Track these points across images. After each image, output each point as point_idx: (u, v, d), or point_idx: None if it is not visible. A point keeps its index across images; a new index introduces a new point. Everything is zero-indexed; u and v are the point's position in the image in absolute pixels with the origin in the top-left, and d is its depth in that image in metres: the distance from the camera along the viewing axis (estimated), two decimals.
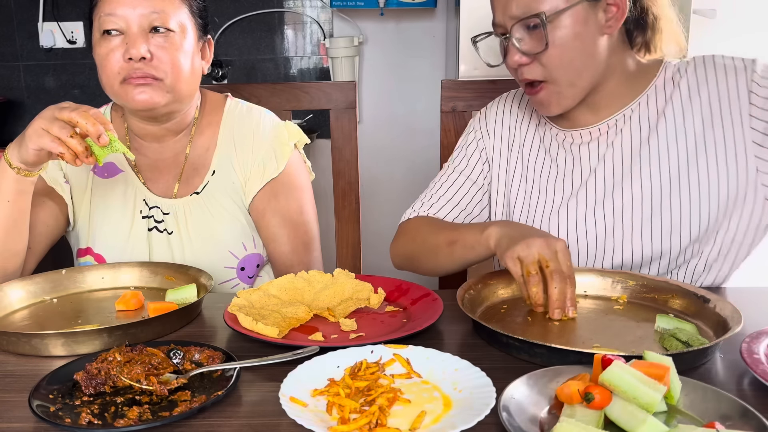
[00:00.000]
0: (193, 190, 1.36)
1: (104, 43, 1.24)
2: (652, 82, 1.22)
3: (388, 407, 0.76)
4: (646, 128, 1.21)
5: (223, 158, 1.37)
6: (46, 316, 1.12)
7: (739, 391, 0.82)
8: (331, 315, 1.07)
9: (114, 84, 1.25)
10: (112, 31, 1.23)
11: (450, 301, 1.06)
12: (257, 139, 1.37)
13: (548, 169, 1.29)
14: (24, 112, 3.01)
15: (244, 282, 1.39)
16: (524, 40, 1.15)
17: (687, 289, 1.07)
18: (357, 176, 1.72)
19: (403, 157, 3.21)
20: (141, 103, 1.24)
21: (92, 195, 1.36)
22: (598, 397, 0.71)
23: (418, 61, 3.15)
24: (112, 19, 1.22)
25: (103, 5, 1.24)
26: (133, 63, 1.22)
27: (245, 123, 1.39)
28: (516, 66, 1.18)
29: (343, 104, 1.69)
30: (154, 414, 0.77)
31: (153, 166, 1.37)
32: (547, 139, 1.31)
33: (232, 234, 1.36)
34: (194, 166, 1.37)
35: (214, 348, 0.90)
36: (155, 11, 1.22)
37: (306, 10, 3.05)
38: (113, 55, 1.23)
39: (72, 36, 2.95)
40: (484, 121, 1.41)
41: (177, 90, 1.26)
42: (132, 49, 1.21)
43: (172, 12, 1.25)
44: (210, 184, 1.36)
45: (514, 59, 1.17)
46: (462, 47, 2.32)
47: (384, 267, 1.53)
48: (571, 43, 1.13)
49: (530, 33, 1.14)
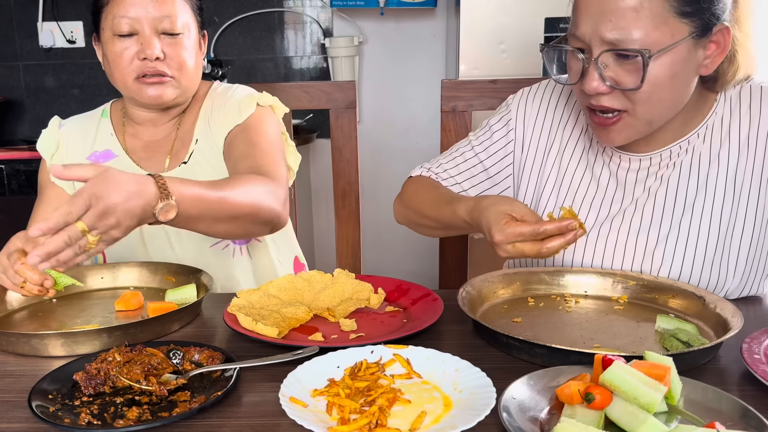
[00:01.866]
0: (181, 161, 1.42)
1: (118, 43, 1.32)
2: (710, 112, 1.14)
3: (388, 407, 0.76)
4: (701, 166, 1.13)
5: (203, 126, 1.43)
6: (45, 316, 1.12)
7: (739, 391, 0.82)
8: (331, 315, 1.06)
9: (128, 81, 1.34)
10: (125, 32, 1.31)
11: (450, 301, 1.06)
12: (228, 100, 1.42)
13: (586, 186, 1.21)
14: (23, 112, 3.01)
15: (234, 243, 1.42)
16: (610, 67, 1.03)
17: (687, 289, 1.06)
18: (357, 176, 1.72)
19: (403, 157, 3.21)
20: (154, 99, 1.34)
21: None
22: (599, 398, 0.71)
23: (418, 61, 3.14)
24: (125, 21, 1.31)
25: (115, 7, 1.31)
26: (147, 62, 1.31)
27: (223, 93, 1.46)
28: (594, 93, 1.05)
29: (343, 104, 1.69)
30: (153, 414, 0.77)
31: (146, 146, 1.45)
32: (593, 154, 1.22)
33: None
34: (182, 140, 1.44)
35: (213, 348, 0.90)
36: (165, 15, 1.32)
37: (306, 9, 3.05)
38: (127, 53, 1.32)
39: (71, 36, 2.94)
40: (522, 108, 1.30)
41: (184, 85, 1.37)
42: (147, 49, 1.31)
43: (179, 15, 1.34)
44: (195, 153, 1.41)
45: (593, 86, 1.03)
46: (462, 47, 2.32)
47: (384, 267, 1.53)
48: (666, 82, 1.02)
49: (622, 63, 1.02)
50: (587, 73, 1.04)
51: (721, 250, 1.13)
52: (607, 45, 1.01)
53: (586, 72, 1.04)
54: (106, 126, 1.47)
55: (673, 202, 1.15)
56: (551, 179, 1.25)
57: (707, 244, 1.13)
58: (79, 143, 1.45)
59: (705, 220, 1.13)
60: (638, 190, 1.17)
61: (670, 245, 1.14)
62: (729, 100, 1.15)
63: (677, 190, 1.15)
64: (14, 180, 2.48)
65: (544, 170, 1.27)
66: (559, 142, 1.26)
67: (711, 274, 1.13)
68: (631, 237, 1.16)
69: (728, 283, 1.14)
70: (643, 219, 1.16)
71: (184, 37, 1.34)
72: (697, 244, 1.13)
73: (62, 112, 3.10)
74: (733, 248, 1.13)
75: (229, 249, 1.41)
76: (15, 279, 1.05)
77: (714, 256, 1.13)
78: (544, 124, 1.28)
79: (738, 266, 1.14)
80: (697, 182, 1.14)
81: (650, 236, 1.15)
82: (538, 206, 1.27)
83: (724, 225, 1.13)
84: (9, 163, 2.46)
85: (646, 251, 1.15)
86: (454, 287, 1.11)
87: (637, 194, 1.17)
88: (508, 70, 2.32)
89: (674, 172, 1.15)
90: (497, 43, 2.31)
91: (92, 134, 1.46)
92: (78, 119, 1.50)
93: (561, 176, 1.25)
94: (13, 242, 1.08)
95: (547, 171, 1.26)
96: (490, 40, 2.31)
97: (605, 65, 1.03)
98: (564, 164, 1.25)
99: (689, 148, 1.15)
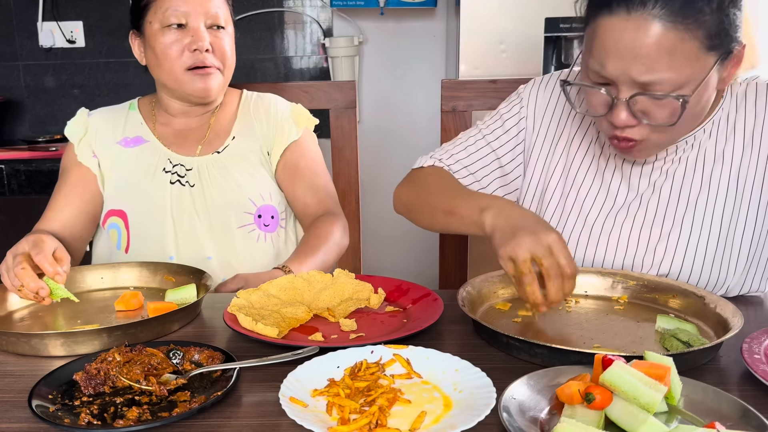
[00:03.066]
0: (214, 150, 1.49)
1: (168, 35, 1.40)
2: (717, 108, 1.14)
3: (388, 407, 0.75)
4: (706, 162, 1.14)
5: (243, 126, 1.52)
6: (45, 316, 1.12)
7: (739, 391, 0.82)
8: (331, 315, 1.06)
9: (177, 72, 1.41)
10: (174, 25, 1.39)
11: (450, 301, 1.06)
12: (275, 111, 1.54)
13: (591, 179, 1.21)
14: (23, 112, 3.01)
15: (260, 229, 1.47)
16: (641, 103, 1.00)
17: (687, 289, 1.06)
18: (357, 176, 1.72)
19: (403, 157, 3.20)
20: (201, 91, 1.43)
21: (118, 162, 1.48)
22: (599, 398, 0.71)
23: (418, 61, 3.14)
24: (176, 14, 1.39)
25: (169, 1, 1.39)
26: (197, 53, 1.40)
27: (261, 101, 1.56)
28: (622, 126, 1.02)
29: (343, 104, 1.69)
30: (153, 414, 0.77)
31: (176, 133, 1.51)
32: (599, 146, 1.22)
33: (251, 185, 1.46)
34: (216, 132, 1.52)
35: (213, 348, 0.90)
36: (212, 10, 1.41)
37: (306, 9, 3.05)
38: (177, 45, 1.40)
39: (71, 36, 2.94)
40: (534, 97, 1.30)
41: (226, 76, 1.47)
42: (199, 41, 1.39)
43: (222, 10, 1.44)
44: (230, 146, 1.49)
45: (623, 120, 1.01)
46: (462, 47, 2.32)
47: (384, 267, 1.53)
48: (696, 110, 1.02)
49: (654, 101, 0.99)
50: (616, 108, 1.01)
51: (723, 245, 1.13)
52: (638, 88, 0.98)
53: (615, 107, 1.01)
54: (135, 116, 1.53)
55: (677, 197, 1.15)
56: (558, 170, 1.25)
57: (709, 239, 1.13)
58: (108, 130, 1.50)
59: (708, 216, 1.13)
60: (643, 184, 1.18)
61: (673, 240, 1.14)
62: (735, 96, 1.15)
63: (682, 185, 1.15)
64: (14, 180, 2.48)
65: (552, 160, 1.26)
66: (568, 132, 1.26)
67: (712, 269, 1.13)
68: (634, 231, 1.17)
69: (730, 280, 1.14)
70: (648, 213, 1.16)
71: (226, 31, 1.44)
72: (699, 240, 1.13)
73: (62, 112, 3.09)
74: (736, 244, 1.13)
75: (254, 233, 1.46)
76: (14, 281, 1.07)
77: (716, 251, 1.13)
78: (554, 115, 1.28)
79: (740, 262, 1.14)
80: (701, 178, 1.14)
81: (653, 231, 1.15)
82: (543, 196, 1.26)
83: (726, 221, 1.13)
84: (9, 163, 2.46)
85: (649, 245, 1.16)
86: (454, 287, 1.11)
87: (642, 188, 1.18)
88: (508, 70, 2.32)
89: (680, 167, 1.16)
90: (497, 43, 2.31)
91: (121, 123, 1.52)
92: (106, 110, 1.56)
93: (568, 167, 1.24)
94: (22, 245, 1.12)
95: (555, 161, 1.26)
96: (490, 40, 2.31)
97: (635, 102, 1.00)
98: (572, 155, 1.25)
99: (695, 143, 1.15)
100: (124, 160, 1.48)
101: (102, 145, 1.49)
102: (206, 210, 1.44)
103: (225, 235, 1.44)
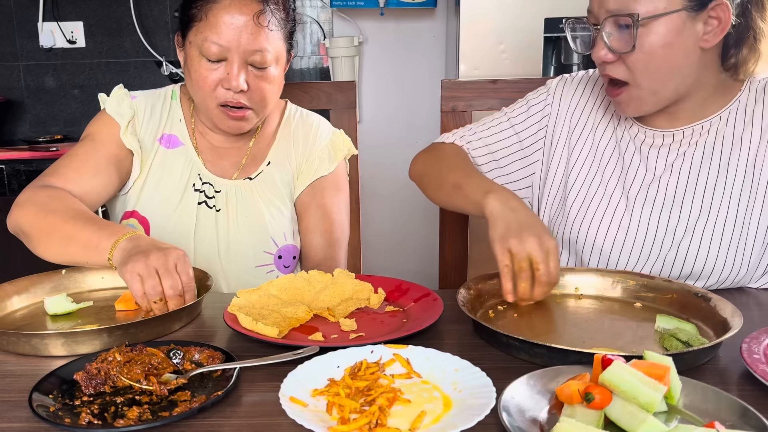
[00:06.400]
0: (246, 176, 1.43)
1: (204, 64, 1.29)
2: (734, 99, 1.20)
3: (388, 407, 0.76)
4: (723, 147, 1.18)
5: (280, 151, 1.46)
6: (46, 315, 1.12)
7: (738, 391, 0.82)
8: (331, 315, 1.07)
9: (209, 105, 1.33)
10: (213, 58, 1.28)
11: (450, 301, 1.06)
12: (315, 139, 1.48)
13: (614, 163, 1.27)
14: (23, 112, 3.01)
15: (279, 270, 1.42)
16: (613, 36, 1.13)
17: (687, 289, 1.06)
18: (357, 176, 1.72)
19: (403, 157, 3.20)
20: (231, 129, 1.36)
21: (153, 161, 1.41)
22: (599, 397, 0.71)
23: (418, 61, 3.14)
24: (216, 47, 1.27)
25: (208, 29, 1.27)
26: (231, 92, 1.29)
27: (304, 123, 1.50)
28: (600, 62, 1.16)
29: (343, 104, 1.69)
30: (153, 414, 0.77)
31: (213, 149, 1.44)
32: (620, 131, 1.29)
33: (276, 221, 1.42)
34: (253, 156, 1.45)
35: (214, 348, 0.90)
36: (257, 49, 1.28)
37: (306, 9, 3.05)
38: (211, 78, 1.29)
39: (72, 36, 2.94)
40: (561, 88, 1.37)
41: (262, 114, 1.38)
42: (233, 80, 1.28)
43: (272, 48, 1.30)
44: (264, 173, 1.44)
45: (600, 54, 1.14)
46: (462, 47, 2.33)
47: (384, 267, 1.53)
48: (659, 51, 1.10)
49: (620, 31, 1.12)
50: (595, 43, 1.15)
51: (740, 229, 1.16)
52: (609, 14, 1.11)
53: (595, 41, 1.16)
54: (177, 110, 1.44)
55: (696, 181, 1.19)
56: (582, 157, 1.31)
57: (725, 222, 1.16)
58: (151, 120, 1.42)
59: (726, 199, 1.17)
60: (660, 165, 1.22)
61: (691, 224, 1.17)
62: (755, 91, 1.20)
63: (700, 169, 1.19)
64: (14, 180, 2.48)
65: (575, 147, 1.32)
66: (592, 121, 1.33)
67: (728, 253, 1.16)
68: (654, 214, 1.20)
69: (744, 269, 1.17)
70: (667, 197, 1.20)
71: (271, 69, 1.32)
72: (715, 225, 1.16)
73: (62, 112, 3.10)
74: (752, 229, 1.16)
75: (272, 274, 1.41)
76: (153, 291, 1.03)
77: (732, 235, 1.16)
78: (578, 105, 1.35)
79: (756, 248, 1.17)
80: (719, 162, 1.18)
81: (672, 214, 1.19)
82: (568, 178, 1.31)
83: (743, 205, 1.16)
84: (9, 163, 2.46)
85: (668, 229, 1.19)
86: (454, 287, 1.11)
87: (659, 171, 1.22)
88: (508, 70, 2.32)
89: (697, 150, 1.20)
90: (497, 43, 2.31)
91: (165, 114, 1.43)
92: (146, 95, 1.45)
93: (593, 151, 1.30)
94: (171, 257, 1.06)
95: (579, 148, 1.32)
96: (490, 40, 2.31)
97: (609, 34, 1.12)
98: (596, 142, 1.31)
99: (711, 129, 1.20)
100: (159, 162, 1.40)
101: (146, 136, 1.40)
102: (227, 241, 1.38)
103: (242, 273, 1.39)
